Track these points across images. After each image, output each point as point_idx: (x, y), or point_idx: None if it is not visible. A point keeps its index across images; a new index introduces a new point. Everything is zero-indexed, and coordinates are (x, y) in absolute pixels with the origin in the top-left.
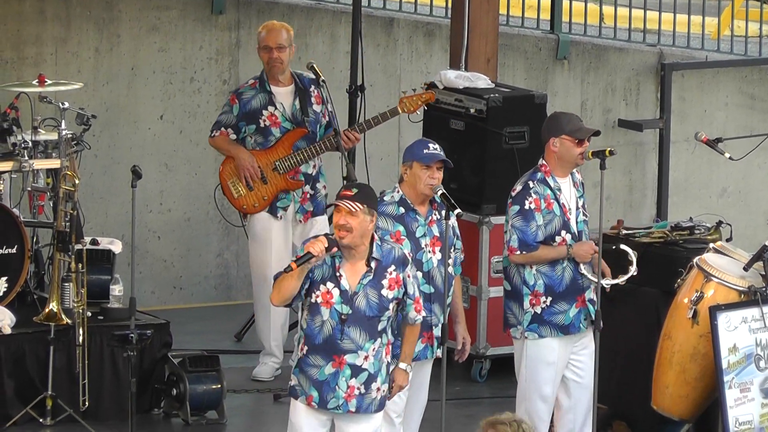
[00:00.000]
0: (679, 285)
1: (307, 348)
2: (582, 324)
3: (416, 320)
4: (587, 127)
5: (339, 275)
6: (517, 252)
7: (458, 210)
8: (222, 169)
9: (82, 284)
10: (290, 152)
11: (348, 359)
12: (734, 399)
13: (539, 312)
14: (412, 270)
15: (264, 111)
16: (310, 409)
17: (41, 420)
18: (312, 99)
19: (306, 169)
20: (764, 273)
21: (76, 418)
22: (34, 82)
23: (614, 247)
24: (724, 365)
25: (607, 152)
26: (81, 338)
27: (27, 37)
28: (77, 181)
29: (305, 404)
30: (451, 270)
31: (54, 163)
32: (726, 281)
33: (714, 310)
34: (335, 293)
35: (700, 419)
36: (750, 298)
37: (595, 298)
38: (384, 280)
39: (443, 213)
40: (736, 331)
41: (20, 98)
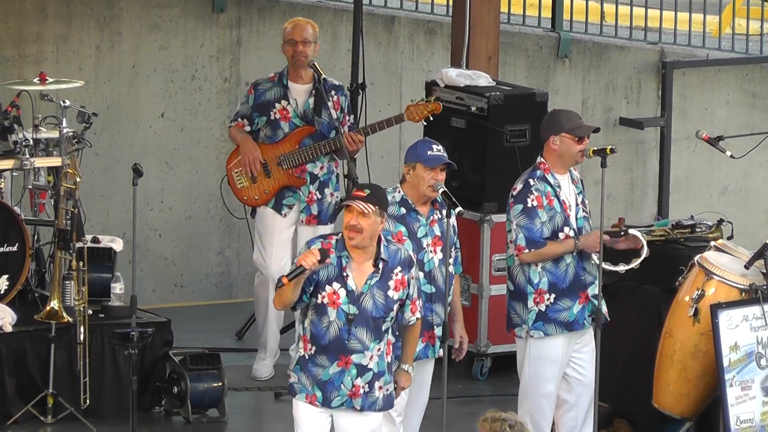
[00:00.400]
0: (681, 283)
1: (315, 348)
2: (586, 321)
3: (410, 321)
4: (587, 125)
5: (346, 275)
6: (526, 250)
7: (459, 208)
8: (229, 159)
9: (83, 282)
10: (296, 149)
11: (354, 359)
12: (735, 397)
13: (543, 310)
14: (416, 271)
15: (276, 104)
16: (310, 406)
17: (42, 418)
18: (330, 103)
19: (312, 169)
20: (765, 271)
21: (77, 416)
22: (35, 80)
23: (622, 234)
24: (725, 363)
25: (608, 150)
26: (82, 336)
27: (28, 35)
28: (78, 179)
29: (305, 402)
30: (452, 269)
31: (55, 161)
32: (727, 279)
33: (715, 308)
34: (342, 293)
35: (701, 417)
36: (751, 296)
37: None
38: (390, 281)
39: (444, 212)
40: (738, 329)
41: (21, 96)
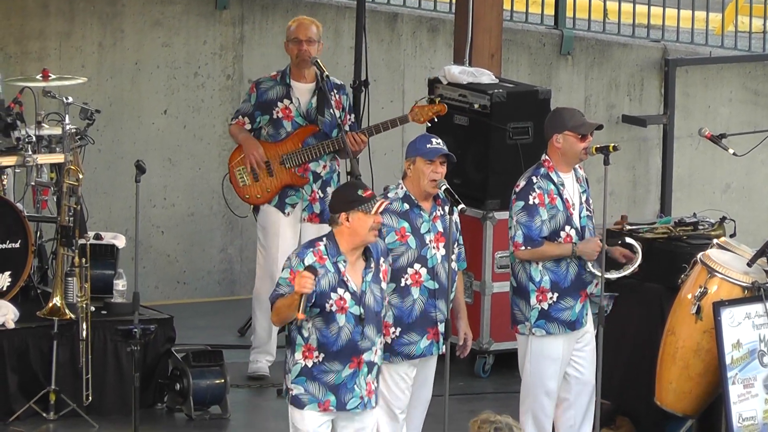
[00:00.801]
0: (683, 281)
1: (324, 355)
2: (584, 319)
3: None
4: (590, 122)
5: (346, 279)
6: (522, 248)
7: (462, 205)
8: (231, 157)
9: (86, 279)
10: (299, 148)
11: (365, 357)
12: (738, 395)
13: (546, 308)
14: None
15: (279, 103)
16: (319, 414)
17: (45, 414)
18: (331, 102)
19: (315, 168)
20: None
21: (80, 413)
22: (38, 77)
23: (619, 242)
24: (728, 361)
25: (611, 148)
26: (84, 333)
27: (31, 32)
28: (81, 176)
29: (317, 411)
30: (455, 265)
31: (58, 158)
32: (730, 277)
33: (717, 306)
34: (347, 297)
35: (704, 415)
36: (754, 294)
37: (597, 293)
38: (379, 274)
39: (447, 209)
40: (740, 327)
41: (24, 93)
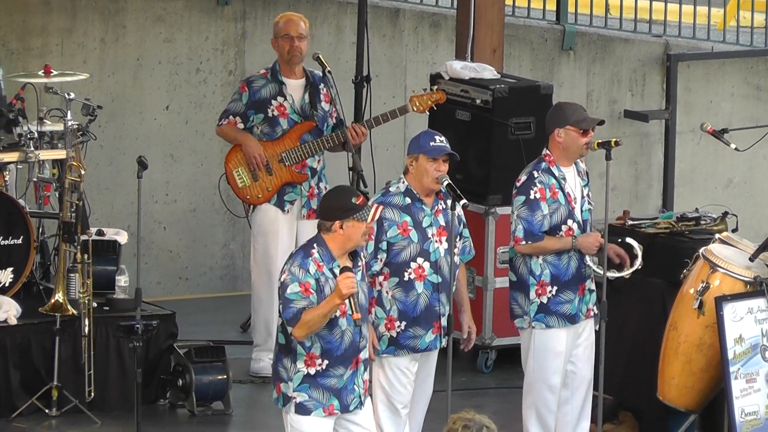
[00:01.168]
0: (685, 276)
1: (327, 362)
2: (581, 313)
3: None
4: (591, 117)
5: None
6: (523, 242)
7: (464, 200)
8: (228, 158)
9: (88, 275)
10: (297, 145)
11: (362, 356)
12: (740, 390)
13: (545, 302)
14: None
15: (273, 101)
16: (324, 419)
17: (47, 411)
18: (321, 96)
19: (311, 163)
20: None
21: (82, 409)
22: (40, 73)
23: (620, 240)
24: (730, 356)
25: (613, 143)
26: (87, 329)
27: (33, 28)
28: (83, 172)
29: (322, 416)
30: (458, 259)
31: (60, 154)
32: (732, 272)
33: (720, 301)
34: (346, 302)
35: (706, 410)
36: (756, 289)
37: (595, 288)
38: (361, 271)
39: (449, 203)
40: (742, 322)
41: (26, 89)
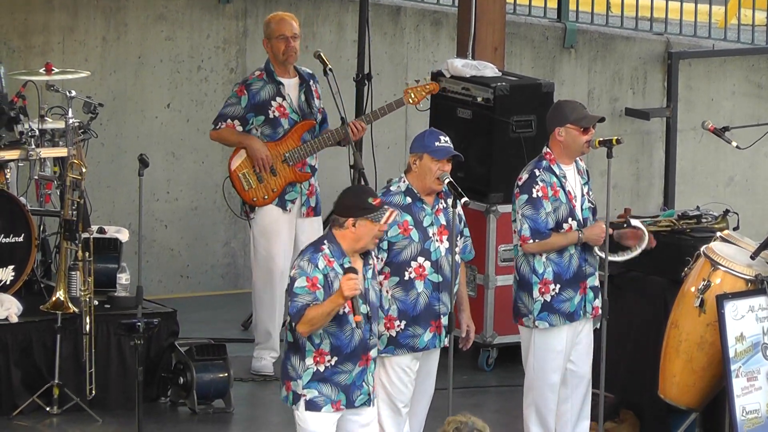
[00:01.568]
0: (686, 274)
1: (337, 358)
2: (582, 311)
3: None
4: (591, 115)
5: None
6: (530, 241)
7: (465, 198)
8: (232, 161)
9: (89, 273)
10: (299, 144)
11: (372, 354)
12: (741, 388)
13: (549, 300)
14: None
15: (273, 102)
16: (332, 414)
17: (48, 409)
18: (313, 93)
19: (311, 161)
20: None
21: (83, 407)
22: (42, 71)
23: (625, 225)
24: (731, 354)
25: (614, 141)
26: (88, 327)
27: (34, 26)
28: (84, 170)
29: (331, 411)
30: (458, 258)
31: (61, 152)
32: (733, 270)
33: (721, 299)
34: (357, 298)
35: (707, 408)
36: (757, 287)
37: (598, 286)
38: (375, 268)
39: (449, 201)
40: (743, 320)
41: (27, 87)
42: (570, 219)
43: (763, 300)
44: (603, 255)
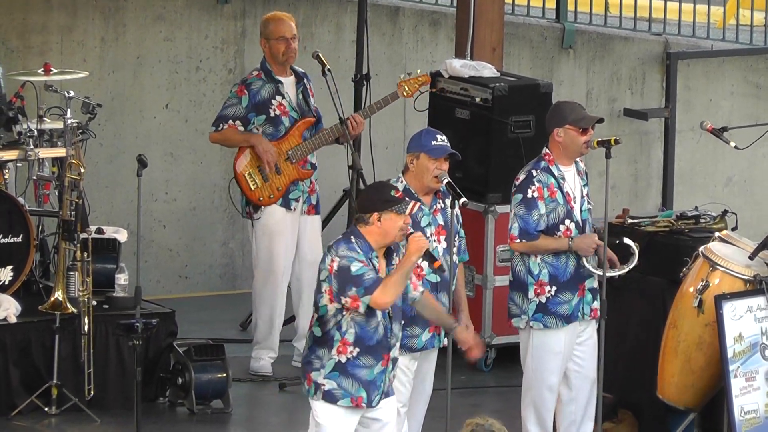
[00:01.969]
0: (685, 274)
1: (359, 350)
2: (580, 313)
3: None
4: (590, 116)
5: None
6: (517, 240)
7: (464, 199)
8: (237, 162)
9: (88, 273)
10: (301, 142)
11: (392, 354)
12: (740, 388)
13: (544, 302)
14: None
15: (273, 101)
16: (351, 410)
17: (46, 409)
18: (308, 91)
19: (311, 159)
20: None
21: (82, 407)
22: (40, 71)
23: (617, 242)
24: (730, 354)
25: (613, 141)
26: (86, 327)
27: (33, 26)
28: (82, 170)
29: (350, 406)
30: (456, 258)
31: (59, 152)
32: (731, 270)
33: (719, 299)
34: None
35: (706, 408)
36: (755, 287)
37: (597, 287)
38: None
39: (447, 202)
40: (742, 320)
41: (26, 87)
42: (567, 220)
43: (762, 300)
44: (589, 267)
